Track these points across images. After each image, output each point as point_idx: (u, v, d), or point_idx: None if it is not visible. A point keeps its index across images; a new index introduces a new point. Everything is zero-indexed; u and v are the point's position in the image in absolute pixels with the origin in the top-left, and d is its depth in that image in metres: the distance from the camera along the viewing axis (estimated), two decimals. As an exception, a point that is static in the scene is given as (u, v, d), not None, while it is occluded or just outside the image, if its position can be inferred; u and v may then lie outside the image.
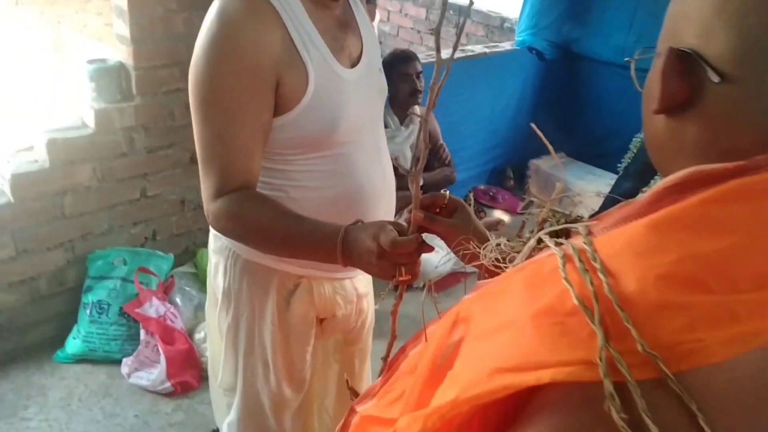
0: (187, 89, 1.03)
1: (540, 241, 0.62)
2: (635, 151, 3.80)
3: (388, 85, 1.26)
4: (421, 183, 0.88)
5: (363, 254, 0.94)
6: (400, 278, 0.91)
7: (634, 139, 3.86)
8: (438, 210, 0.96)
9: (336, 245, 0.97)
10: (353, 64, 1.13)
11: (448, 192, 0.96)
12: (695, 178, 0.49)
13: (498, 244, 0.72)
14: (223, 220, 1.04)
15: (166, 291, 2.47)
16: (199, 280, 2.60)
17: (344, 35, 1.12)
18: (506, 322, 0.51)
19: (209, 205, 1.05)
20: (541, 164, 4.02)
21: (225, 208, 1.02)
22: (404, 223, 0.94)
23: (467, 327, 0.58)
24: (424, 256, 0.92)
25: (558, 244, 0.54)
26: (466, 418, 0.51)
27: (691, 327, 0.43)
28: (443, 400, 0.51)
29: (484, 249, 0.73)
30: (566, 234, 0.60)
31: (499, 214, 3.70)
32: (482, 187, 3.91)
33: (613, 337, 0.43)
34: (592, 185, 3.82)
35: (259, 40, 0.98)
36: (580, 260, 0.49)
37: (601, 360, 0.42)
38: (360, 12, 1.19)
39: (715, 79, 0.48)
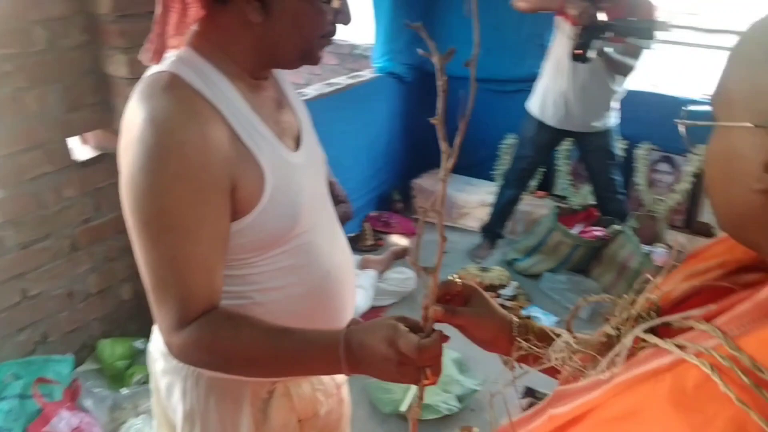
0: (54, 170, 0.91)
1: (640, 338, 0.57)
2: (508, 158, 4.05)
3: None
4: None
5: (376, 362, 0.86)
6: (426, 382, 0.84)
7: (500, 145, 4.12)
8: (449, 298, 0.89)
9: (338, 356, 0.88)
10: (296, 144, 1.06)
11: (458, 279, 0.89)
12: None
13: (566, 342, 0.68)
14: (196, 353, 0.92)
15: (72, 398, 2.20)
16: (106, 376, 2.36)
17: (282, 115, 1.05)
18: None
19: (171, 337, 0.92)
20: (422, 182, 4.14)
21: (195, 339, 0.90)
22: (409, 317, 0.88)
23: None
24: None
25: (680, 347, 0.50)
26: None
27: None
28: None
29: (551, 349, 0.69)
30: (654, 330, 0.57)
31: (396, 239, 3.75)
32: (373, 213, 3.94)
33: None
34: (474, 196, 4.00)
35: (204, 142, 0.86)
36: (743, 373, 0.45)
37: None
38: (285, 82, 1.12)
39: None
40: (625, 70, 2.97)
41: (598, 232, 3.35)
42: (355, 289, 1.19)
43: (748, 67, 0.53)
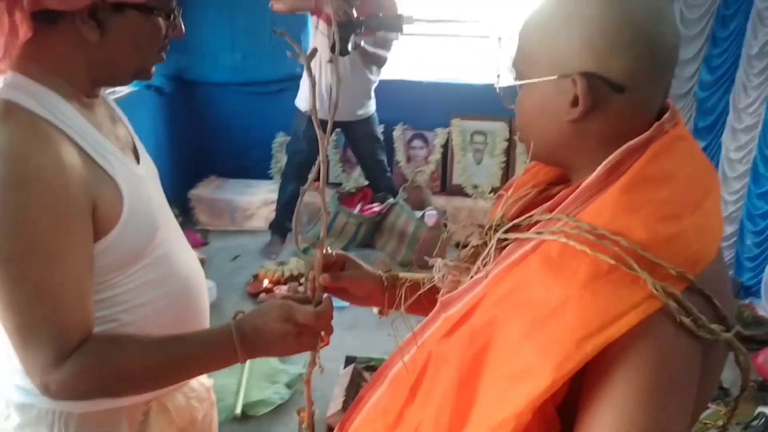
0: None
1: (501, 241, 0.75)
2: (281, 155, 4.21)
3: None
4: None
5: (275, 340, 0.93)
6: (322, 345, 0.95)
7: (272, 144, 4.27)
8: (328, 268, 0.99)
9: (233, 346, 0.92)
10: (135, 157, 1.05)
11: (331, 250, 1.00)
12: (629, 150, 0.68)
13: (444, 262, 0.83)
14: (82, 384, 0.88)
15: None
16: None
17: (118, 130, 1.04)
18: (557, 303, 0.61)
19: (48, 376, 0.86)
20: (200, 192, 4.10)
21: (79, 370, 0.87)
22: (295, 294, 0.99)
23: (490, 331, 0.67)
24: None
25: (543, 232, 0.68)
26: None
27: (689, 244, 0.63)
28: (531, 391, 0.59)
29: (436, 273, 0.84)
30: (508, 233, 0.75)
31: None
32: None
33: (651, 274, 0.60)
34: (255, 197, 4.09)
35: (59, 165, 0.83)
36: (588, 233, 0.63)
37: (657, 290, 0.59)
38: (107, 98, 1.09)
39: (618, 92, 0.68)
40: (380, 61, 3.34)
41: (376, 208, 3.72)
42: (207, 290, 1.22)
43: (546, 34, 0.71)
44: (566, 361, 0.59)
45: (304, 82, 3.46)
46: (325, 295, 0.98)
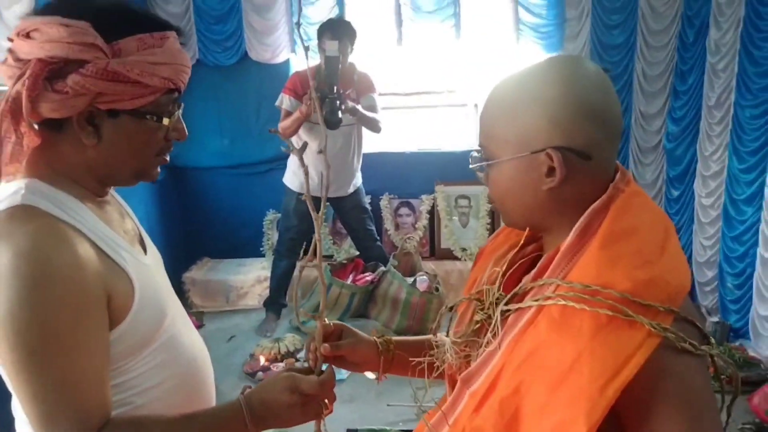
0: None
1: (503, 312, 0.82)
2: (272, 233, 4.30)
3: None
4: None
5: (282, 412, 0.98)
6: (326, 412, 1.00)
7: (263, 222, 4.37)
8: (327, 338, 1.04)
9: (244, 420, 0.96)
10: (142, 247, 1.11)
11: (328, 321, 1.06)
12: (594, 212, 0.78)
13: (451, 340, 0.89)
14: None
15: None
16: None
17: (126, 224, 1.10)
18: (572, 359, 0.68)
19: None
20: (194, 275, 4.15)
21: None
22: (299, 366, 1.03)
23: (518, 397, 0.73)
24: None
25: (539, 299, 0.77)
26: None
27: (667, 283, 0.72)
28: None
29: (442, 352, 0.89)
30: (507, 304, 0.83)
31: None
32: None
33: (644, 315, 0.69)
34: (248, 275, 4.16)
35: (77, 262, 0.89)
36: (581, 291, 0.72)
37: (654, 328, 0.68)
38: (115, 194, 1.16)
39: (586, 160, 0.78)
40: (375, 125, 3.48)
41: (368, 277, 3.79)
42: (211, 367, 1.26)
43: (513, 116, 0.80)
44: (594, 408, 0.66)
45: (292, 161, 3.60)
46: (325, 365, 1.03)
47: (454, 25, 4.06)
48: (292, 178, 3.60)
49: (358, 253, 3.98)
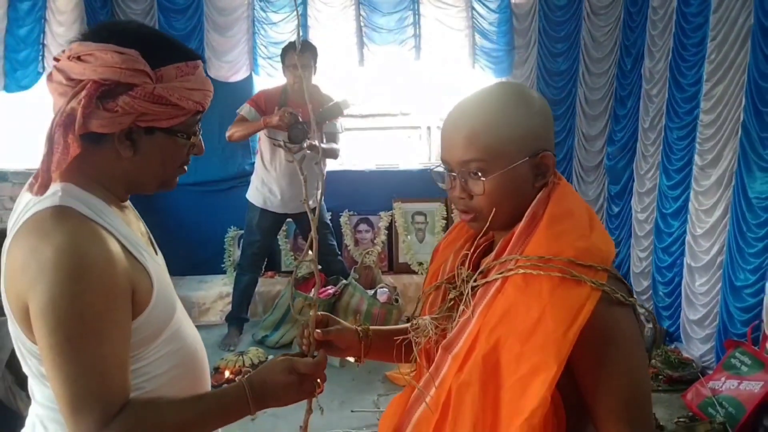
0: None
1: (473, 288, 0.98)
2: (233, 249, 4.39)
3: None
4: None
5: (279, 390, 1.09)
6: (318, 391, 1.12)
7: (225, 239, 4.45)
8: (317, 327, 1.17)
9: (246, 401, 1.07)
10: (153, 248, 1.21)
11: (318, 312, 1.19)
12: (539, 201, 0.97)
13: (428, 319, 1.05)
14: None
15: None
16: None
17: (141, 227, 1.21)
18: (538, 314, 0.85)
19: None
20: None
21: (123, 430, 0.99)
22: (287, 353, 1.16)
23: (497, 350, 0.88)
24: None
25: (503, 272, 0.94)
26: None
27: (599, 249, 0.91)
28: (545, 379, 0.82)
29: (424, 327, 1.04)
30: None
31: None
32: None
33: (588, 275, 0.88)
34: (210, 291, 4.22)
35: (110, 258, 1.00)
36: (537, 261, 0.90)
37: (594, 284, 0.87)
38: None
39: (555, 157, 0.99)
40: (334, 154, 3.65)
41: (330, 290, 3.92)
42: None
43: (509, 131, 0.96)
44: (560, 350, 0.83)
45: (255, 177, 3.71)
46: (323, 350, 1.17)
47: (414, 47, 4.29)
48: (255, 194, 3.71)
49: (320, 267, 4.09)
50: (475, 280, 1.00)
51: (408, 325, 1.17)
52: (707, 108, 3.26)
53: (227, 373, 3.43)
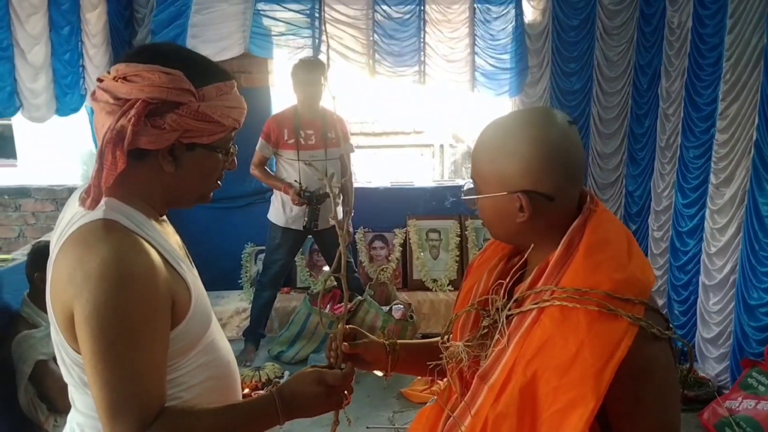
0: None
1: (507, 317, 0.98)
2: (250, 265, 4.43)
3: None
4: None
5: (309, 401, 1.12)
6: (346, 402, 1.15)
7: (243, 254, 4.50)
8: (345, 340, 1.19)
9: (276, 412, 1.10)
10: (190, 261, 1.24)
11: (346, 326, 1.20)
12: (574, 230, 0.96)
13: (462, 345, 1.04)
14: None
15: None
16: None
17: (177, 241, 1.24)
18: (576, 348, 0.85)
19: None
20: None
21: None
22: (315, 365, 1.19)
23: (534, 383, 0.88)
24: None
25: (538, 303, 0.94)
26: None
27: (638, 280, 0.91)
28: (583, 413, 0.83)
29: (456, 353, 1.03)
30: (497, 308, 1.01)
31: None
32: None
33: (625, 309, 0.88)
34: (227, 306, 4.27)
35: (152, 269, 1.03)
36: (572, 297, 0.89)
37: (631, 319, 0.87)
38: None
39: (550, 200, 0.95)
40: (348, 199, 3.78)
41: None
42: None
43: (494, 162, 0.98)
44: (598, 384, 0.84)
45: (275, 197, 3.77)
46: (350, 362, 1.18)
47: (418, 71, 4.31)
48: (276, 213, 3.76)
49: (335, 284, 4.14)
50: (509, 309, 1.00)
51: (436, 340, 1.19)
52: (722, 127, 3.28)
53: (245, 389, 3.46)
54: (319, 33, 4.19)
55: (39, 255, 2.59)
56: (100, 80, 1.09)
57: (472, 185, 1.07)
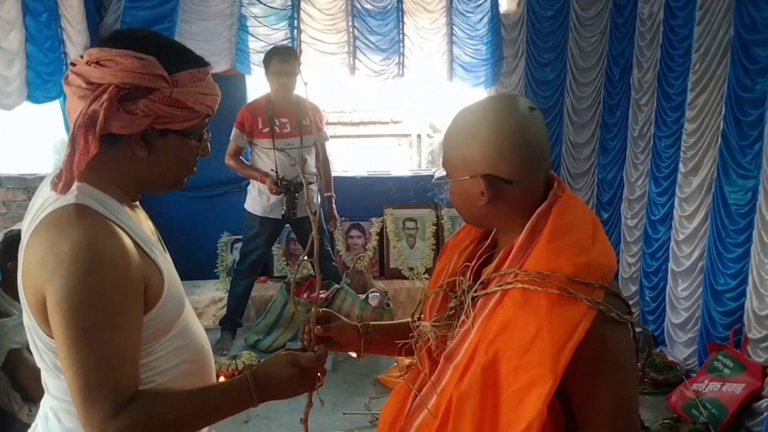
0: None
1: (473, 298, 1.00)
2: (225, 254, 4.42)
3: None
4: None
5: (282, 383, 1.14)
6: (319, 384, 1.17)
7: (218, 243, 4.49)
8: (318, 321, 1.22)
9: (249, 394, 1.11)
10: (162, 246, 1.24)
11: (319, 309, 1.23)
12: (539, 215, 0.98)
13: (429, 325, 1.07)
14: (137, 431, 1.04)
15: None
16: None
17: (150, 226, 1.24)
18: (536, 330, 0.88)
19: (107, 426, 1.01)
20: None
21: (133, 420, 1.02)
22: (298, 345, 1.21)
23: (496, 362, 0.91)
24: None
25: (502, 286, 0.96)
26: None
27: (600, 265, 0.93)
28: (542, 392, 0.85)
29: (424, 332, 1.06)
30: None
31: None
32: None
33: (585, 293, 0.90)
34: (203, 296, 4.27)
35: (125, 253, 1.04)
36: (536, 277, 0.92)
37: (590, 302, 0.89)
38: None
39: (509, 184, 0.98)
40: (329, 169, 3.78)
41: (322, 294, 3.96)
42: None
43: (458, 147, 1.01)
44: (556, 365, 0.86)
45: (252, 187, 3.75)
46: (323, 345, 1.21)
47: (397, 63, 4.33)
48: (253, 203, 3.75)
49: (312, 272, 4.15)
50: (475, 291, 1.03)
51: (408, 320, 1.21)
52: (691, 117, 3.35)
53: (221, 378, 3.45)
54: (297, 23, 4.17)
55: (11, 244, 2.56)
56: (73, 64, 1.09)
57: (444, 172, 1.09)
